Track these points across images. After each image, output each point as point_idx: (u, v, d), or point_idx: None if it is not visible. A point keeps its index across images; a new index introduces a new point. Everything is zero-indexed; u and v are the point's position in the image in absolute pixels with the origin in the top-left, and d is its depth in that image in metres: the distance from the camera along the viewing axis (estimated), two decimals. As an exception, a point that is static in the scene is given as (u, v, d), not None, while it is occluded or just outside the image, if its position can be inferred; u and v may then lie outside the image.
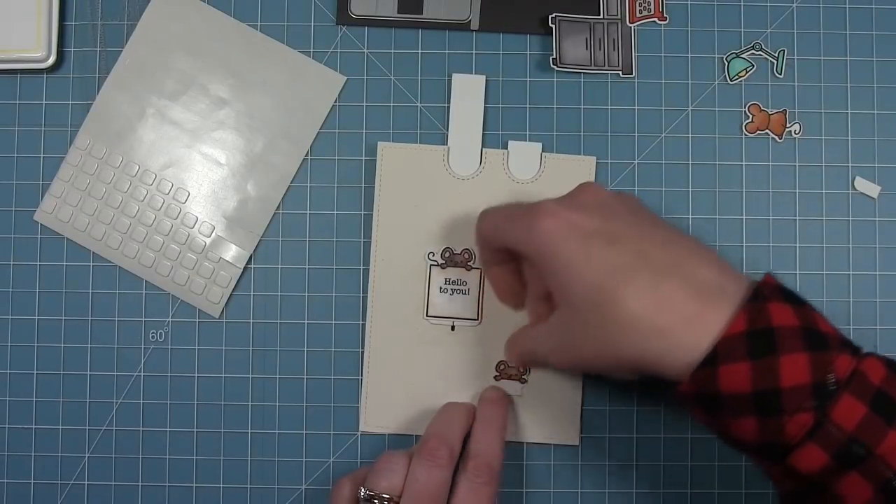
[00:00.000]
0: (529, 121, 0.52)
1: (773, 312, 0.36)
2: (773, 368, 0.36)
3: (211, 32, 0.53)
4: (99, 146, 0.53)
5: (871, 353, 0.37)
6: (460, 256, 0.50)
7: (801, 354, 0.36)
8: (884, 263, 0.52)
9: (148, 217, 0.52)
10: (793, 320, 0.37)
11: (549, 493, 0.52)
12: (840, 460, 0.35)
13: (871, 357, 0.37)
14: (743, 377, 0.36)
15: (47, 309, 0.53)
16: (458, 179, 0.51)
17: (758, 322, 0.36)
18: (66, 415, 0.52)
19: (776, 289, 0.38)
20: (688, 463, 0.52)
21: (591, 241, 0.39)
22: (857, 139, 0.52)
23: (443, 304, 0.50)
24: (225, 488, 0.52)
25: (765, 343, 0.36)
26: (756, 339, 0.36)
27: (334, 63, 0.53)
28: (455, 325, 0.51)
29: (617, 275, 0.38)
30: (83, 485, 0.52)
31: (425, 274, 0.51)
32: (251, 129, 0.53)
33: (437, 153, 0.51)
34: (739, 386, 0.36)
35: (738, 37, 0.53)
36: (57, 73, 0.53)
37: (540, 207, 0.41)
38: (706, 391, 0.37)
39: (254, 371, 0.52)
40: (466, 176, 0.51)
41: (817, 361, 0.36)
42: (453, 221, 0.51)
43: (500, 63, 0.53)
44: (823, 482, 0.36)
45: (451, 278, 0.50)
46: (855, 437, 0.35)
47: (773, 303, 0.37)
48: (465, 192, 0.51)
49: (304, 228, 0.53)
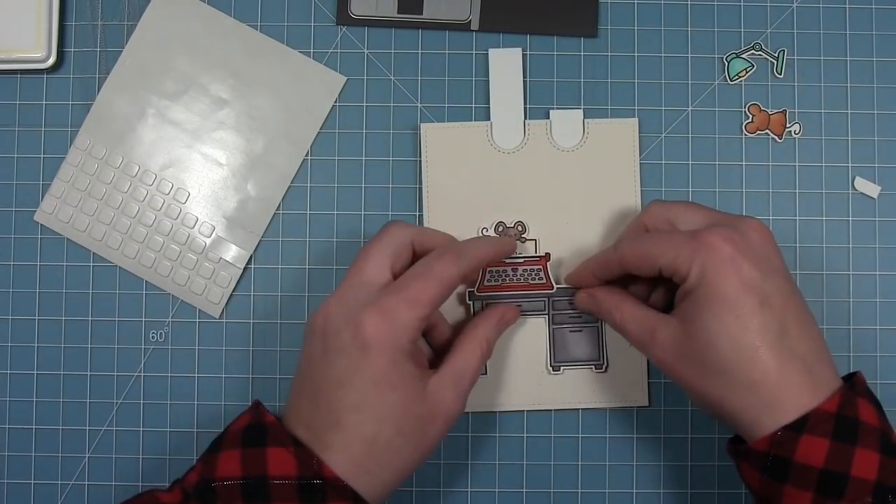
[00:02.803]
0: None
1: (860, 407, 0.39)
2: (847, 455, 0.38)
3: (211, 32, 0.53)
4: (99, 146, 0.53)
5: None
6: (513, 229, 0.50)
7: (874, 454, 0.38)
8: (884, 263, 0.52)
9: (148, 217, 0.52)
10: (875, 421, 0.39)
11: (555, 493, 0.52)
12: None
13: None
14: (820, 452, 0.38)
15: (47, 309, 0.53)
16: (504, 153, 0.51)
17: (846, 409, 0.39)
18: (66, 415, 0.52)
19: (865, 388, 0.41)
20: (687, 463, 0.52)
21: (747, 295, 0.40)
22: (857, 139, 0.52)
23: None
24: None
25: (848, 430, 0.39)
26: (841, 423, 0.39)
27: (334, 63, 0.53)
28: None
29: (756, 340, 0.39)
30: (83, 485, 0.52)
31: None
32: (251, 130, 0.53)
33: (480, 130, 0.51)
34: (813, 459, 0.38)
35: (738, 37, 0.53)
36: (57, 74, 0.53)
37: (714, 231, 0.41)
38: (779, 454, 0.39)
39: (254, 371, 0.52)
40: (511, 149, 0.51)
41: (886, 465, 0.38)
42: (503, 195, 0.51)
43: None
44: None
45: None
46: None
47: (862, 399, 0.40)
48: (512, 164, 0.51)
49: (304, 228, 0.53)
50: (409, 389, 0.41)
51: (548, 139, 0.51)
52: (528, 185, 0.51)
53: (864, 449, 0.38)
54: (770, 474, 0.39)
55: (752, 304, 0.39)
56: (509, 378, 0.51)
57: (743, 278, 0.40)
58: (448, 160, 0.51)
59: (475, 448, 0.52)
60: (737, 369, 0.39)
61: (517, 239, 0.50)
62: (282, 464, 0.40)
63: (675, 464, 0.52)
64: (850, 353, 0.51)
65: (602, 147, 0.51)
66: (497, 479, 0.52)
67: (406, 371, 0.41)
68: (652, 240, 0.43)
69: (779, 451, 0.39)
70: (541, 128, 0.51)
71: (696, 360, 0.41)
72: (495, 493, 0.52)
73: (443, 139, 0.51)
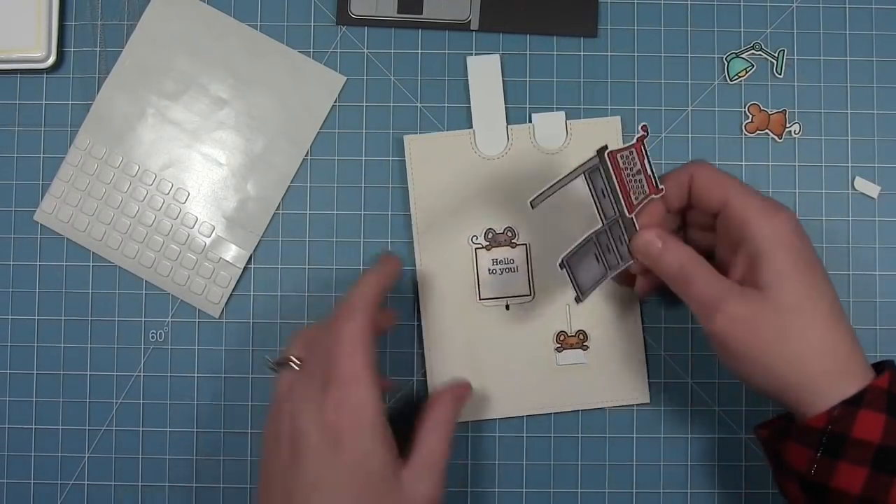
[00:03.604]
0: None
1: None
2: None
3: (211, 32, 0.53)
4: (99, 146, 0.53)
5: None
6: (503, 235, 0.50)
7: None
8: (884, 263, 0.52)
9: (148, 217, 0.52)
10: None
11: (549, 492, 0.52)
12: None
13: None
14: (877, 427, 0.39)
15: (47, 309, 0.53)
16: (488, 160, 0.51)
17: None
18: (66, 415, 0.52)
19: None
20: (687, 463, 0.52)
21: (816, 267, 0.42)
22: (857, 139, 0.52)
23: (494, 284, 0.50)
24: (225, 488, 0.52)
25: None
26: (894, 399, 0.39)
27: (334, 63, 0.53)
28: (509, 303, 0.50)
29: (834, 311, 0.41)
30: (83, 485, 0.52)
31: (472, 258, 0.50)
32: (251, 129, 0.53)
33: (463, 137, 0.51)
34: (871, 434, 0.39)
35: (738, 37, 0.53)
36: (57, 73, 0.53)
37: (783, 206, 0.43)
38: (836, 430, 0.39)
39: (254, 371, 0.52)
40: (496, 155, 0.51)
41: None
42: (490, 202, 0.51)
43: (500, 63, 0.53)
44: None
45: (497, 258, 0.50)
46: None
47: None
48: (497, 170, 0.51)
49: (304, 228, 0.53)
50: (384, 487, 0.40)
51: (532, 142, 0.51)
52: (515, 190, 0.51)
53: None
54: (825, 451, 0.40)
55: (820, 276, 0.42)
56: (510, 380, 0.50)
57: (809, 252, 0.42)
58: (434, 170, 0.51)
59: (475, 448, 0.52)
60: (819, 333, 0.40)
61: (508, 245, 0.50)
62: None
63: (675, 464, 0.52)
64: (850, 353, 0.51)
65: (586, 147, 0.50)
66: (497, 479, 0.52)
67: (380, 464, 0.40)
68: (730, 179, 0.44)
69: (836, 427, 0.39)
70: (524, 132, 0.51)
71: (775, 322, 0.40)
72: (495, 493, 0.52)
73: (427, 149, 0.51)
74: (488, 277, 0.50)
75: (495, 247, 0.51)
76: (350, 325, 0.41)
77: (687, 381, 0.52)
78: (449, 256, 0.51)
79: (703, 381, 0.52)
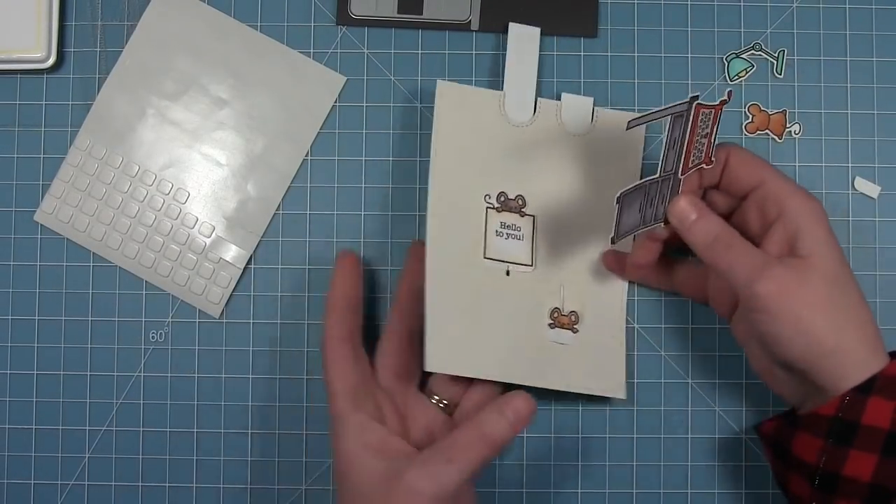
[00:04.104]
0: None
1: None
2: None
3: (211, 32, 0.53)
4: (99, 146, 0.53)
5: None
6: (514, 202, 0.50)
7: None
8: (884, 263, 0.52)
9: (148, 217, 0.52)
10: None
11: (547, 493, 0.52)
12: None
13: None
14: (886, 413, 0.40)
15: (47, 309, 0.53)
16: (513, 126, 0.51)
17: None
18: (66, 415, 0.52)
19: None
20: (688, 463, 0.52)
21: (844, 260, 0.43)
22: (857, 139, 0.52)
23: (499, 246, 0.50)
24: (225, 488, 0.52)
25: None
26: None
27: (334, 63, 0.53)
28: (510, 269, 0.50)
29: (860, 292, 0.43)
30: (83, 485, 0.52)
31: (483, 215, 0.50)
32: (251, 130, 0.53)
33: (493, 98, 0.51)
34: (880, 420, 0.40)
35: (738, 37, 0.53)
36: (57, 74, 0.53)
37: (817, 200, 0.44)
38: (846, 417, 0.40)
39: (254, 371, 0.52)
40: (521, 123, 0.51)
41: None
42: (508, 166, 0.50)
43: (500, 63, 0.53)
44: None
45: (505, 222, 0.50)
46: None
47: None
48: (520, 138, 0.51)
49: (304, 228, 0.53)
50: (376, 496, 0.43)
51: (557, 120, 0.51)
52: (534, 161, 0.51)
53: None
54: (835, 439, 0.40)
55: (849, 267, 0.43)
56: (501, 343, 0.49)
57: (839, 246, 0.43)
58: (459, 121, 0.50)
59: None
60: (855, 306, 0.42)
61: (518, 213, 0.50)
62: None
63: (675, 464, 0.52)
64: (850, 353, 0.51)
65: (609, 137, 0.51)
66: (497, 479, 0.52)
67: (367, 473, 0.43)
68: (766, 162, 0.45)
69: (846, 415, 0.40)
70: (551, 108, 0.51)
71: (819, 288, 0.41)
72: (495, 493, 0.52)
73: (457, 100, 0.50)
74: (495, 238, 0.50)
75: (505, 211, 0.50)
76: (328, 359, 0.46)
77: (687, 381, 0.52)
78: (462, 207, 0.50)
79: (703, 381, 0.52)
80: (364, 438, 0.44)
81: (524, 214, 0.50)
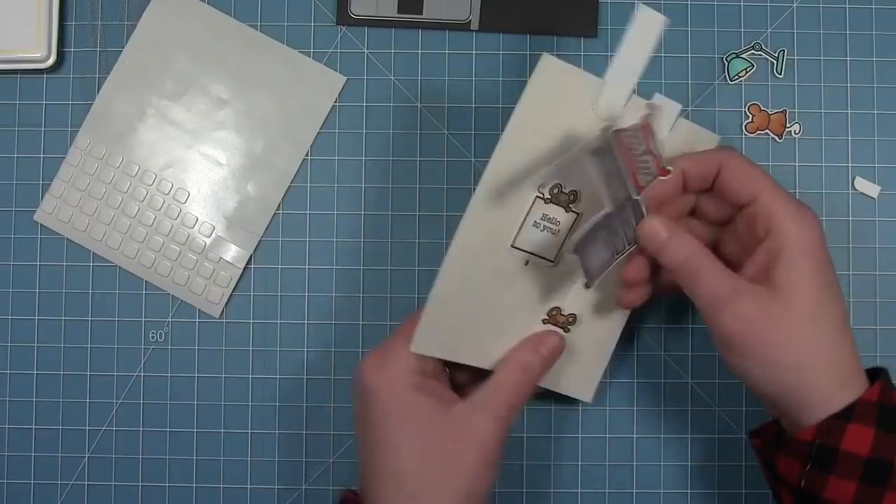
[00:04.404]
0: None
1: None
2: (892, 443, 0.39)
3: (211, 32, 0.53)
4: (99, 146, 0.53)
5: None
6: (566, 196, 0.48)
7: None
8: (884, 263, 0.52)
9: (148, 217, 0.52)
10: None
11: (549, 493, 0.52)
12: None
13: None
14: (866, 441, 0.39)
15: (47, 309, 0.53)
16: (598, 120, 0.46)
17: (886, 399, 0.40)
18: (66, 415, 0.52)
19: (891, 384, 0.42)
20: (688, 463, 0.52)
21: (835, 277, 0.41)
22: (857, 139, 0.52)
23: (531, 238, 0.47)
24: (225, 488, 0.52)
25: (890, 418, 0.39)
26: (884, 412, 0.39)
27: (334, 63, 0.53)
28: (530, 260, 0.48)
29: (844, 321, 0.41)
30: (83, 485, 0.52)
31: (529, 204, 0.47)
32: (251, 130, 0.53)
33: (592, 85, 0.46)
34: (859, 447, 0.39)
35: (738, 37, 0.53)
36: (57, 73, 0.53)
37: (811, 211, 0.42)
38: (825, 443, 0.39)
39: (254, 371, 0.52)
40: (607, 118, 0.46)
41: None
42: (574, 160, 0.46)
43: (500, 63, 0.53)
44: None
45: (548, 214, 0.47)
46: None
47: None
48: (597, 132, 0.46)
49: (304, 228, 0.53)
50: (423, 420, 0.42)
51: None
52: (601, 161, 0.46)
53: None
54: (815, 464, 0.39)
55: (837, 286, 0.41)
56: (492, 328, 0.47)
57: (829, 261, 0.41)
58: (548, 102, 0.46)
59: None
60: (827, 342, 0.40)
61: (564, 207, 0.47)
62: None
63: (675, 464, 0.52)
64: (850, 353, 0.51)
65: (678, 151, 0.46)
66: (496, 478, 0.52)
67: (414, 402, 0.42)
68: (763, 173, 0.42)
69: (825, 440, 0.39)
70: (640, 108, 0.46)
71: (785, 325, 0.39)
72: (495, 493, 0.52)
73: (555, 78, 0.46)
74: (530, 229, 0.48)
75: (553, 203, 0.48)
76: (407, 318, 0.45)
77: (687, 381, 0.52)
78: (510, 191, 0.46)
79: (703, 381, 0.52)
80: (415, 379, 0.43)
81: (570, 210, 0.47)
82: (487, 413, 0.42)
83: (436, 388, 0.43)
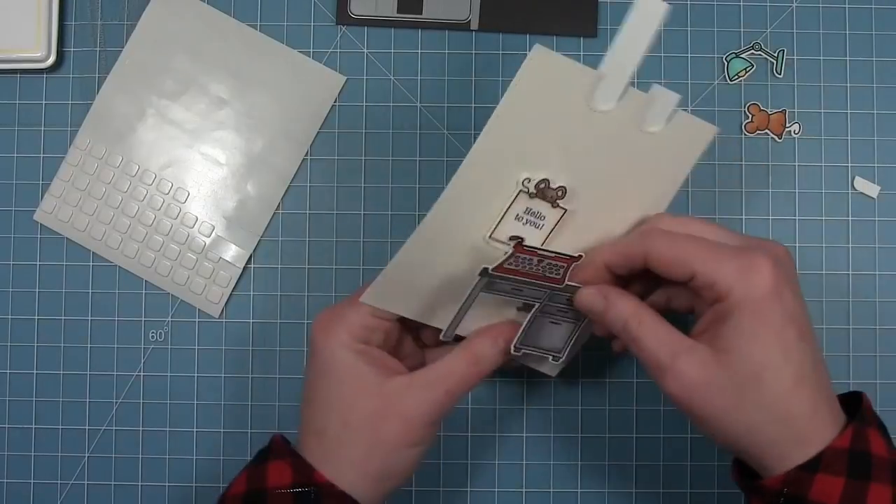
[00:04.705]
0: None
1: (871, 439, 0.38)
2: (862, 492, 0.37)
3: (211, 32, 0.53)
4: (99, 146, 0.53)
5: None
6: (553, 192, 0.46)
7: (887, 488, 0.37)
8: (884, 263, 0.52)
9: (148, 217, 0.52)
10: (885, 452, 0.38)
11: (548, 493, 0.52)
12: None
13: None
14: (835, 491, 0.37)
15: (47, 309, 0.53)
16: (592, 111, 0.44)
17: (858, 444, 0.38)
18: (65, 414, 0.52)
19: (873, 415, 0.40)
20: (687, 463, 0.52)
21: (790, 327, 0.38)
22: (857, 139, 0.52)
23: (511, 231, 0.45)
24: (225, 488, 0.52)
25: (861, 466, 0.38)
26: (855, 459, 0.38)
27: (334, 63, 0.53)
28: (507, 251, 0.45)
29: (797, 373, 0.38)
30: (83, 485, 0.52)
31: (511, 198, 0.45)
32: (251, 129, 0.53)
33: (586, 76, 0.44)
34: (828, 498, 0.37)
35: (738, 37, 0.53)
36: (57, 73, 0.53)
37: (759, 254, 0.39)
38: (792, 492, 0.38)
39: (254, 371, 0.52)
40: (602, 110, 0.44)
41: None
42: (563, 152, 0.45)
43: (500, 63, 0.53)
44: None
45: (532, 209, 0.45)
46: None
47: (871, 429, 0.39)
48: (591, 125, 0.44)
49: (304, 228, 0.53)
50: (356, 384, 0.41)
51: (636, 114, 0.44)
52: (592, 155, 0.45)
53: (878, 484, 0.37)
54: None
55: (793, 336, 0.38)
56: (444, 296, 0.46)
57: (786, 308, 0.38)
58: (537, 93, 0.44)
59: (474, 447, 0.52)
60: (776, 403, 0.38)
61: (551, 203, 0.45)
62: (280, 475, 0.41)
63: (675, 463, 0.52)
64: (849, 353, 0.51)
65: (675, 142, 0.45)
66: (497, 478, 0.52)
67: (352, 366, 0.42)
68: (695, 244, 0.40)
69: (792, 490, 0.37)
70: (637, 100, 0.44)
71: (729, 391, 0.38)
72: (495, 493, 0.52)
73: (546, 69, 0.44)
74: (511, 223, 0.46)
75: (538, 198, 0.47)
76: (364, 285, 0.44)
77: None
78: (494, 183, 0.45)
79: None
80: (357, 346, 0.42)
81: (556, 206, 0.46)
82: (425, 394, 0.42)
83: (378, 356, 0.43)
